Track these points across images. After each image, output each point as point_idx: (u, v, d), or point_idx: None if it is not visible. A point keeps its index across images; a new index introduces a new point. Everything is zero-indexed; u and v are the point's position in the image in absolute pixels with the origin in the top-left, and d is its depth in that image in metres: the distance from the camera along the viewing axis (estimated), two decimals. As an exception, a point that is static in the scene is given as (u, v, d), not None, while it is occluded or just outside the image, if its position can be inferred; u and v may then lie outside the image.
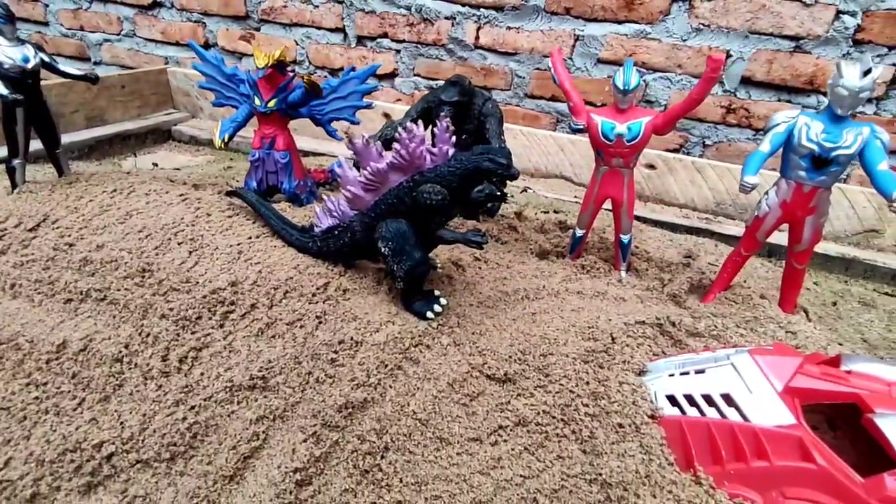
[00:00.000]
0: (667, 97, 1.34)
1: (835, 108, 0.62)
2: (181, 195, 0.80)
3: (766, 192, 0.70)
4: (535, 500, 0.46)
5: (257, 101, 0.90)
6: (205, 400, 0.51)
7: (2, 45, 0.70)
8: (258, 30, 1.69)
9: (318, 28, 1.62)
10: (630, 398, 0.52)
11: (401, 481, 0.47)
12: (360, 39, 1.60)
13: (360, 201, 0.61)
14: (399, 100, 1.63)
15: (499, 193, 0.57)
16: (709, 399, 0.51)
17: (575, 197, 1.27)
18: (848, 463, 0.44)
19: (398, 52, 1.57)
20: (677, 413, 0.52)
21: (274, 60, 0.86)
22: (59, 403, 0.51)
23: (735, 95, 1.30)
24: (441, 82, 1.62)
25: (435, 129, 0.57)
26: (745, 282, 0.85)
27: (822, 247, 1.21)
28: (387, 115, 1.51)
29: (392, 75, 1.61)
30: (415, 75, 1.59)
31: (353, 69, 0.95)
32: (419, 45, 1.54)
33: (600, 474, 0.47)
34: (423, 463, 0.48)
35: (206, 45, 1.76)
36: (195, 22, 1.74)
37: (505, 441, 0.50)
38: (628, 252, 0.81)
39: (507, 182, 0.57)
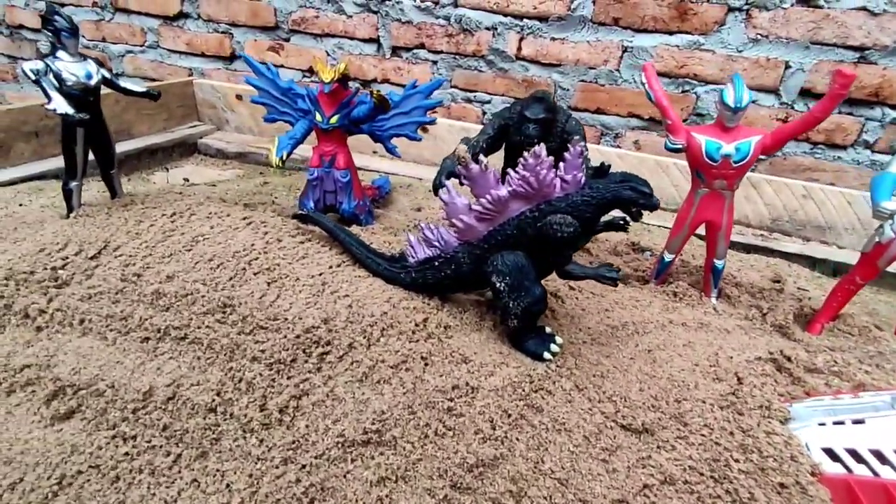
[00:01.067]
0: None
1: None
2: (244, 218, 0.75)
3: (893, 217, 0.65)
4: (702, 575, 0.41)
5: (319, 117, 0.85)
6: (315, 458, 0.46)
7: (65, 60, 0.65)
8: (287, 40, 1.65)
9: (351, 38, 1.58)
10: (785, 452, 0.47)
11: (547, 553, 0.42)
12: (395, 50, 1.55)
13: (470, 231, 0.56)
14: (434, 112, 1.58)
15: (622, 222, 0.52)
16: (880, 455, 0.46)
17: (626, 213, 1.22)
18: None
19: (435, 63, 1.53)
20: (841, 470, 0.46)
21: (339, 74, 0.81)
22: (153, 461, 0.45)
23: (793, 108, 1.26)
24: (480, 94, 1.58)
25: (568, 154, 0.52)
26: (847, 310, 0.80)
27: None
28: (423, 129, 1.46)
29: (428, 87, 1.56)
30: (452, 87, 1.54)
31: (415, 84, 0.91)
32: (457, 57, 1.50)
33: (771, 544, 0.42)
34: (569, 531, 0.43)
35: (233, 57, 1.72)
36: (222, 33, 1.70)
37: (654, 503, 0.45)
38: (720, 278, 0.76)
39: (647, 211, 0.52)
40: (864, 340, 0.68)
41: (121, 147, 1.40)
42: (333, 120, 0.85)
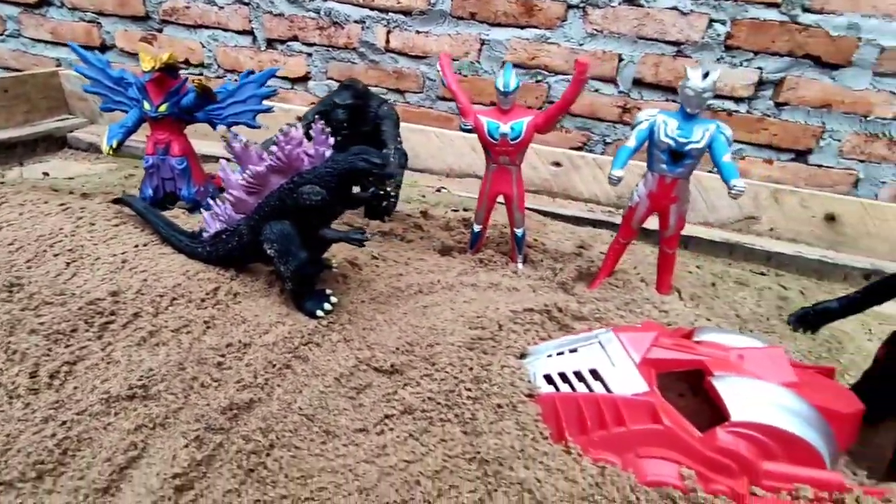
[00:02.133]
0: (568, 98, 1.42)
1: (685, 107, 0.69)
2: (61, 205, 0.76)
3: (637, 185, 0.76)
4: (418, 482, 0.48)
5: (147, 106, 0.87)
6: (77, 414, 0.49)
7: None
8: (160, 31, 1.62)
9: (225, 30, 1.58)
10: (509, 380, 0.55)
11: (286, 476, 0.48)
12: (270, 42, 1.57)
13: (243, 204, 0.61)
14: (313, 103, 1.61)
15: (381, 192, 0.59)
16: (579, 375, 0.55)
17: (487, 195, 1.31)
18: (703, 422, 0.49)
19: (310, 55, 1.56)
20: (552, 390, 0.56)
21: (162, 64, 0.83)
22: None
23: (629, 96, 1.40)
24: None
25: (311, 132, 0.58)
26: (635, 268, 0.92)
27: (707, 233, 1.33)
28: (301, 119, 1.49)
29: (305, 79, 1.59)
30: (328, 79, 1.58)
31: (250, 72, 0.94)
32: (330, 49, 1.54)
33: (479, 452, 0.50)
34: (309, 457, 0.49)
35: (104, 47, 1.66)
36: (89, 22, 1.65)
37: (391, 429, 0.52)
38: (523, 244, 0.86)
39: (385, 180, 0.59)
40: (625, 291, 0.79)
41: (-30, 141, 1.34)
42: (162, 108, 0.87)
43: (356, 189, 0.65)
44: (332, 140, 0.59)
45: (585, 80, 0.71)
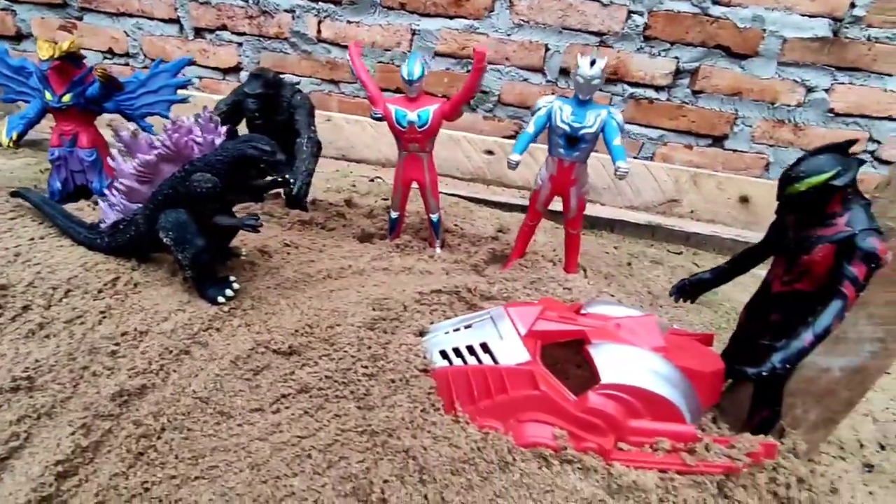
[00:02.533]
0: (498, 87, 1.45)
1: (578, 93, 0.72)
2: (-51, 200, 0.74)
3: (540, 169, 0.80)
4: (310, 456, 0.50)
5: (49, 96, 0.85)
6: (-44, 409, 0.49)
7: None
8: (80, 19, 1.56)
9: (151, 19, 1.53)
10: (404, 356, 0.58)
11: (177, 457, 0.49)
12: (199, 31, 1.53)
13: (136, 194, 0.61)
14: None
15: (280, 180, 0.60)
16: (471, 349, 0.58)
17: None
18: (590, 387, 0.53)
19: (240, 45, 1.54)
20: (445, 364, 0.58)
21: (62, 52, 0.81)
22: None
23: (557, 85, 1.44)
24: (288, 76, 1.60)
25: (201, 120, 0.58)
26: (554, 251, 0.96)
27: (633, 216, 1.40)
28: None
29: (236, 69, 1.57)
30: (260, 69, 1.56)
31: (161, 62, 0.92)
32: (261, 38, 1.51)
33: (370, 425, 0.52)
34: (202, 438, 0.50)
35: (19, 36, 1.59)
36: (2, 9, 1.56)
37: (287, 408, 0.54)
38: (440, 229, 0.88)
39: (277, 167, 0.60)
40: (533, 271, 0.82)
41: None
42: (66, 98, 0.85)
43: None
44: (222, 128, 0.59)
45: (484, 69, 0.74)
